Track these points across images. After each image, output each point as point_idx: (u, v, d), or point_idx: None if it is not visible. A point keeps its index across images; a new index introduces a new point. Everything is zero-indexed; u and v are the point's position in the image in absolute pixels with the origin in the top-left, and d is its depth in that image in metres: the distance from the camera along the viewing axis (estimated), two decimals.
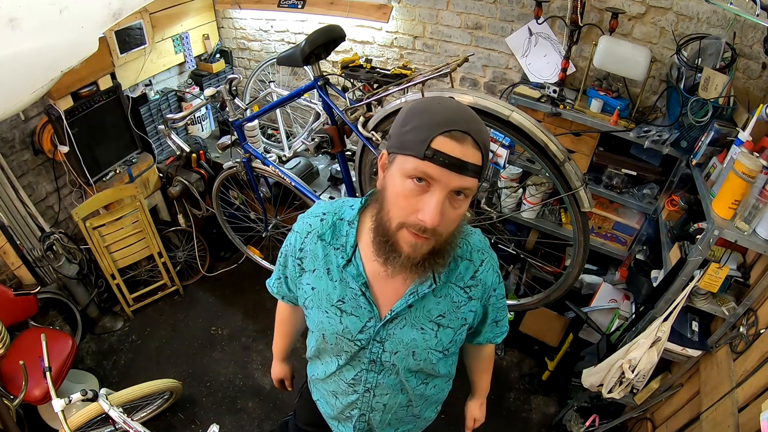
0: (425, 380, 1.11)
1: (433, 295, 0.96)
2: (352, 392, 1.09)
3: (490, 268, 1.01)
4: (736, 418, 1.40)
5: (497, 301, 1.07)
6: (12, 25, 1.35)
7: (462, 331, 1.02)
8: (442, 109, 0.77)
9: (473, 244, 1.00)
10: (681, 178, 2.03)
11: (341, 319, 0.98)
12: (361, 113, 1.67)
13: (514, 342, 2.78)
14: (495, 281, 1.03)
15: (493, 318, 1.10)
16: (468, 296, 0.99)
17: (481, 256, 1.00)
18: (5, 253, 2.25)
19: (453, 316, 0.99)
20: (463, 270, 0.98)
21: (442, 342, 1.00)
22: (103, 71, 2.39)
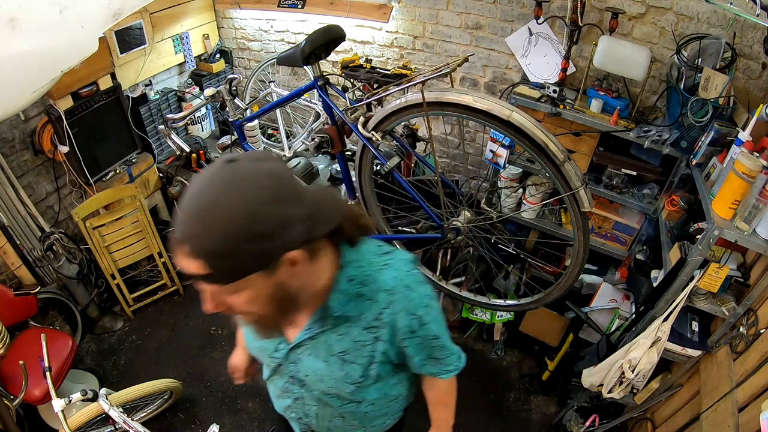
0: (350, 403, 1.07)
1: (333, 332, 0.92)
2: (286, 398, 1.12)
3: (401, 310, 0.89)
4: (736, 418, 1.39)
5: (424, 342, 0.97)
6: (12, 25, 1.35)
7: (374, 367, 0.97)
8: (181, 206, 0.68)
9: (382, 282, 0.89)
10: (681, 178, 2.03)
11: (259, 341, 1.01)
12: (361, 113, 1.67)
13: (514, 342, 2.78)
14: (411, 324, 0.91)
15: (425, 356, 1.02)
16: (374, 337, 0.92)
17: (390, 297, 0.88)
18: (5, 253, 2.25)
19: (357, 353, 0.94)
20: (365, 310, 0.90)
21: (350, 375, 0.97)
22: (103, 71, 2.39)
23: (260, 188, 0.65)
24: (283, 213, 0.67)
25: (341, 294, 0.88)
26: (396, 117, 1.57)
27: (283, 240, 0.68)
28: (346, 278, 0.88)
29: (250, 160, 0.69)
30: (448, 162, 2.93)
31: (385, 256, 0.94)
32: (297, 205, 0.69)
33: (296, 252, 0.71)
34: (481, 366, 2.75)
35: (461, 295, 2.03)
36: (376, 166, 1.82)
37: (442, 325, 1.01)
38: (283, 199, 0.67)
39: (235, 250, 0.65)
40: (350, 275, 0.89)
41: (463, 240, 1.72)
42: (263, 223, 0.65)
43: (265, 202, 0.65)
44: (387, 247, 0.98)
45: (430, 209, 1.67)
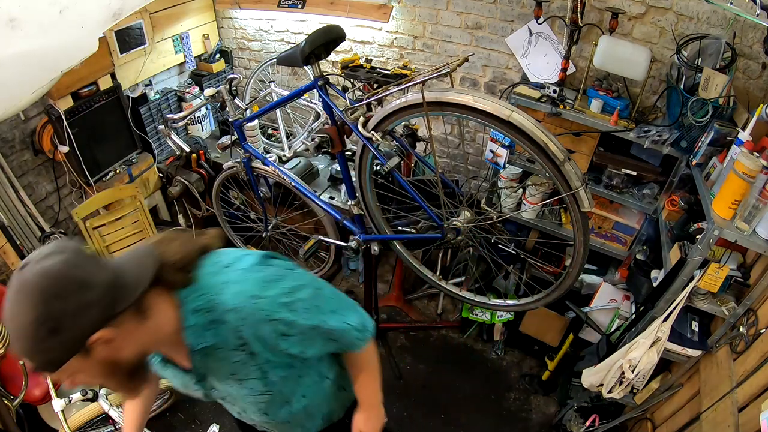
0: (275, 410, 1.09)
1: (212, 361, 0.93)
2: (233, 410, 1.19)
3: (256, 322, 0.87)
4: (736, 418, 1.40)
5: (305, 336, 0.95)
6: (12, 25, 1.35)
7: (272, 375, 0.98)
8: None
9: (226, 303, 0.87)
10: (681, 178, 2.03)
11: (174, 378, 1.05)
12: (361, 113, 1.67)
13: (514, 342, 2.79)
14: (276, 329, 0.89)
15: (321, 344, 1.01)
16: (248, 353, 0.91)
17: (239, 314, 0.87)
18: (5, 253, 2.25)
19: (245, 371, 0.95)
20: (225, 334, 0.88)
21: (255, 389, 0.99)
22: (103, 71, 2.39)
23: (40, 291, 0.71)
24: (68, 306, 0.71)
25: (192, 329, 0.87)
26: (396, 117, 1.57)
27: (78, 329, 0.73)
28: (191, 312, 0.87)
29: (36, 262, 0.73)
30: (448, 162, 2.93)
31: (224, 272, 0.91)
32: (84, 292, 0.73)
33: (103, 332, 0.74)
34: (481, 366, 2.75)
35: (461, 295, 2.03)
36: (376, 166, 1.82)
37: (318, 312, 0.97)
38: (65, 294, 0.71)
39: (40, 349, 0.72)
40: (194, 307, 0.87)
41: (463, 240, 1.71)
42: (50, 321, 0.70)
43: (47, 303, 0.70)
44: (226, 258, 0.94)
45: (430, 209, 1.67)
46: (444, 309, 3.07)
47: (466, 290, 2.08)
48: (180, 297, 0.87)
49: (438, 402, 2.54)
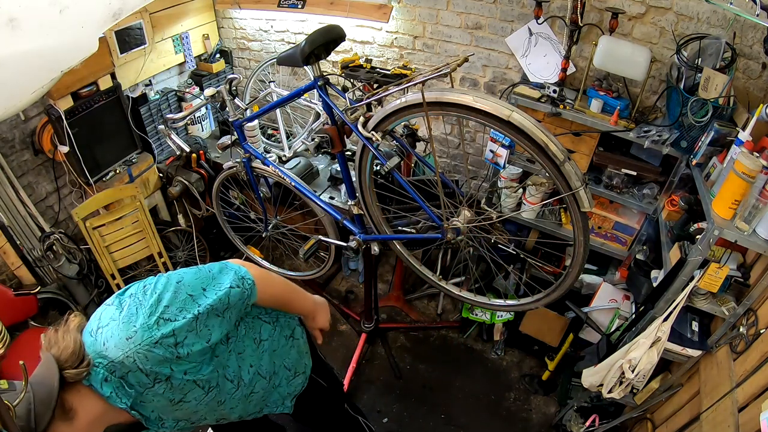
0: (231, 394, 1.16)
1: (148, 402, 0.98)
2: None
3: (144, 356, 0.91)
4: (736, 418, 1.39)
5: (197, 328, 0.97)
6: (12, 25, 1.35)
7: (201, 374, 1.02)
8: None
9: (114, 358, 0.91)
10: (681, 178, 2.03)
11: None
12: (361, 113, 1.66)
13: (514, 342, 2.79)
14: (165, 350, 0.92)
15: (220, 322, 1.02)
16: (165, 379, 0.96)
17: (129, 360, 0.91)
18: (5, 253, 2.25)
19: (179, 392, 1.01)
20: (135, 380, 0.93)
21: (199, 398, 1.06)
22: (103, 71, 2.39)
23: None
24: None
25: (113, 396, 0.91)
26: (396, 117, 1.56)
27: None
28: (101, 383, 0.90)
29: None
30: (448, 162, 2.93)
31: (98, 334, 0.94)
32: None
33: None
34: (481, 366, 2.75)
35: (461, 295, 2.03)
36: (376, 166, 1.82)
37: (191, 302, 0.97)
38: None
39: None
40: (101, 378, 0.90)
41: (462, 240, 1.71)
42: None
43: None
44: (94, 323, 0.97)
45: (430, 209, 1.67)
46: (444, 309, 3.07)
47: (466, 290, 2.07)
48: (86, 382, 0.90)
49: (438, 402, 2.54)
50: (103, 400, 0.91)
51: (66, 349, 0.89)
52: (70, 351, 0.89)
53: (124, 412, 0.95)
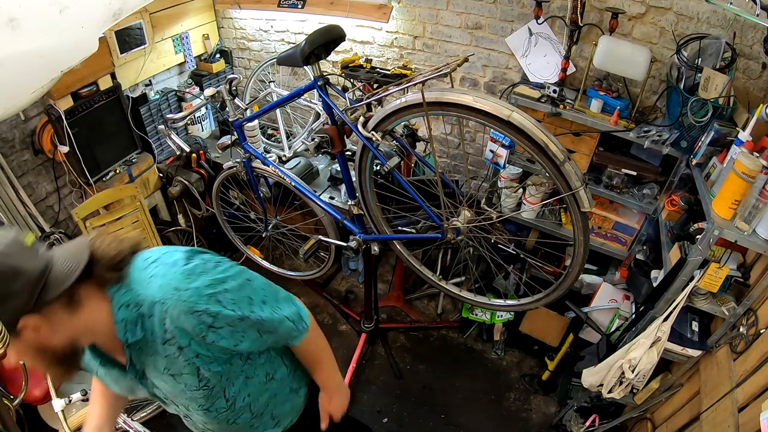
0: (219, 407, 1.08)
1: (146, 355, 0.95)
2: (177, 412, 1.18)
3: (180, 314, 0.88)
4: (736, 418, 1.39)
5: (235, 328, 0.94)
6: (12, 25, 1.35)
7: (204, 371, 0.97)
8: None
9: (151, 296, 0.89)
10: (681, 178, 2.03)
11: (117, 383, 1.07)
12: (361, 113, 1.66)
13: (514, 342, 2.79)
14: (201, 321, 0.89)
15: (254, 335, 0.99)
16: (176, 347, 0.92)
17: (163, 307, 0.88)
18: None
19: (177, 366, 0.95)
20: (153, 327, 0.90)
21: (190, 385, 0.99)
22: (103, 71, 2.39)
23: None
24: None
25: (122, 324, 0.90)
26: (396, 117, 1.56)
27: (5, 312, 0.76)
28: (120, 306, 0.89)
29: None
30: (448, 162, 2.93)
31: (151, 266, 0.93)
32: (11, 282, 0.77)
33: (30, 319, 0.79)
34: (481, 366, 2.75)
35: (461, 295, 2.03)
36: (376, 166, 1.82)
37: (251, 300, 0.97)
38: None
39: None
40: (124, 302, 0.90)
41: (462, 240, 1.71)
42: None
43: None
44: (154, 255, 0.96)
45: (430, 209, 1.67)
46: (444, 309, 3.07)
47: (466, 290, 2.07)
48: (110, 293, 0.89)
49: (438, 402, 2.54)
50: (110, 318, 0.89)
51: (107, 252, 0.89)
52: (109, 256, 0.89)
53: (119, 343, 0.92)
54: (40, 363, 0.86)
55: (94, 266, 0.87)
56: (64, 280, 0.82)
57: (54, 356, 0.85)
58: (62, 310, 0.84)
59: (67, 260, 0.85)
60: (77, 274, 0.84)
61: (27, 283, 0.78)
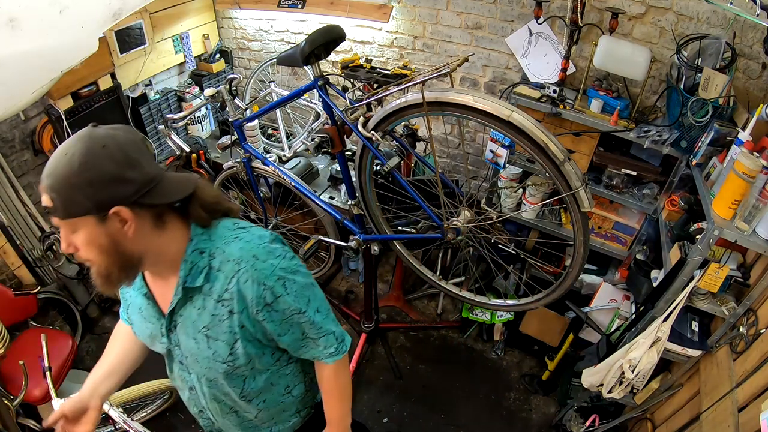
0: (231, 393, 1.08)
1: (193, 306, 0.97)
2: (183, 388, 1.16)
3: (248, 279, 0.92)
4: (736, 418, 1.39)
5: (287, 318, 0.97)
6: (12, 25, 1.35)
7: (239, 345, 0.98)
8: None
9: (229, 253, 0.93)
10: (681, 178, 2.03)
11: (146, 325, 1.07)
12: (361, 113, 1.67)
13: (514, 342, 2.79)
14: (263, 295, 0.93)
15: (298, 335, 1.02)
16: (227, 310, 0.94)
17: (236, 267, 0.92)
18: (5, 253, 2.25)
19: (218, 329, 0.96)
20: (216, 282, 0.94)
21: (219, 354, 0.99)
22: (103, 71, 2.40)
23: (101, 147, 0.80)
24: (114, 171, 0.80)
25: (189, 264, 0.93)
26: (396, 117, 1.57)
27: (110, 192, 0.81)
28: (195, 249, 0.94)
29: (108, 128, 0.85)
30: (448, 162, 2.93)
31: (239, 230, 0.98)
32: (130, 169, 0.82)
33: (124, 209, 0.82)
34: (481, 366, 2.75)
35: (461, 295, 2.03)
36: (376, 166, 1.82)
37: (311, 301, 1.01)
38: (117, 160, 0.80)
39: (68, 190, 0.79)
40: (199, 248, 0.94)
41: (462, 240, 1.71)
42: (93, 172, 0.79)
43: (100, 157, 0.80)
44: (245, 224, 1.01)
45: (430, 209, 1.67)
46: (444, 309, 3.07)
47: (466, 290, 2.08)
48: (192, 233, 0.94)
49: (438, 402, 2.54)
50: (182, 255, 0.93)
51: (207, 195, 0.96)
52: (208, 199, 0.95)
53: (172, 283, 0.95)
54: (102, 258, 0.86)
55: (192, 201, 0.93)
56: (168, 195, 0.88)
57: (118, 258, 0.87)
58: (150, 222, 0.88)
59: (175, 183, 0.90)
60: (181, 196, 0.90)
61: (140, 177, 0.83)
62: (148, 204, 0.85)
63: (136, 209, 0.84)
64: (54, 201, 0.80)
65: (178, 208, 0.93)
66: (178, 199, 0.90)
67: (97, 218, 0.82)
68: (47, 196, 0.81)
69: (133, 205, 0.83)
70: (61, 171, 0.79)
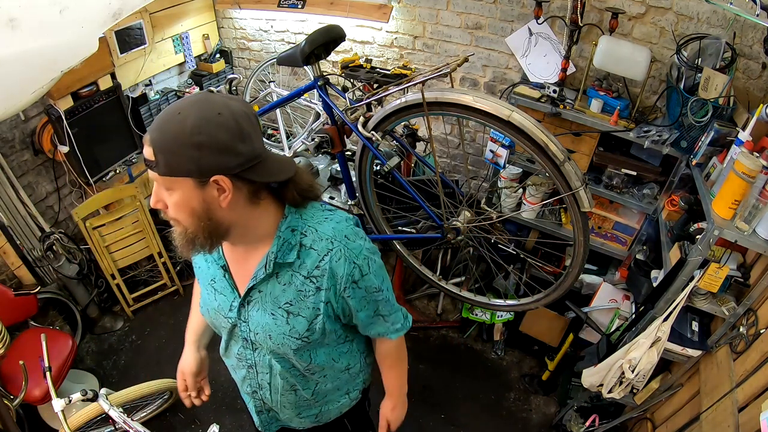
0: (300, 373, 1.13)
1: (277, 282, 0.99)
2: (241, 367, 1.19)
3: (340, 257, 0.96)
4: (736, 418, 1.39)
5: (368, 295, 1.03)
6: (12, 25, 1.35)
7: (319, 321, 1.02)
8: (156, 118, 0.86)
9: (322, 233, 0.97)
10: (681, 178, 2.03)
11: (215, 297, 1.09)
12: (361, 113, 1.67)
13: (514, 342, 2.79)
14: (352, 273, 0.98)
15: (371, 312, 1.08)
16: (315, 287, 0.98)
17: (329, 246, 0.97)
18: (5, 253, 2.25)
19: (302, 304, 1.00)
20: (307, 259, 0.97)
21: (296, 330, 1.02)
22: (103, 71, 2.40)
23: (216, 114, 0.80)
24: (225, 140, 0.80)
25: (282, 240, 0.96)
26: (396, 117, 1.57)
27: (216, 160, 0.80)
28: (288, 227, 0.96)
29: (224, 97, 0.85)
30: (448, 162, 2.93)
31: (327, 212, 1.03)
32: (240, 142, 0.82)
33: (226, 179, 0.82)
34: (481, 366, 2.75)
35: (461, 295, 2.03)
36: (376, 166, 1.82)
37: (385, 280, 1.07)
38: (229, 130, 0.80)
39: (175, 149, 0.79)
40: (292, 225, 0.97)
41: (462, 240, 1.72)
42: (204, 137, 0.79)
43: (214, 124, 0.79)
44: (330, 207, 1.06)
45: (430, 209, 1.67)
46: (444, 309, 3.07)
47: (466, 290, 2.08)
48: (286, 211, 0.97)
49: (438, 402, 2.54)
50: (273, 231, 0.96)
51: (304, 179, 0.97)
52: (304, 183, 0.97)
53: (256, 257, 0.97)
54: (191, 221, 0.87)
55: (289, 184, 0.94)
56: (270, 174, 0.89)
57: (207, 224, 0.87)
58: (245, 196, 0.88)
59: (277, 164, 0.91)
60: (282, 178, 0.91)
61: (248, 151, 0.83)
62: (249, 179, 0.86)
63: (237, 181, 0.84)
64: (157, 156, 0.80)
65: (273, 188, 0.95)
66: (278, 180, 0.92)
67: (197, 182, 0.82)
68: (151, 150, 0.81)
69: (235, 177, 0.83)
70: (171, 128, 0.79)
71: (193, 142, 0.78)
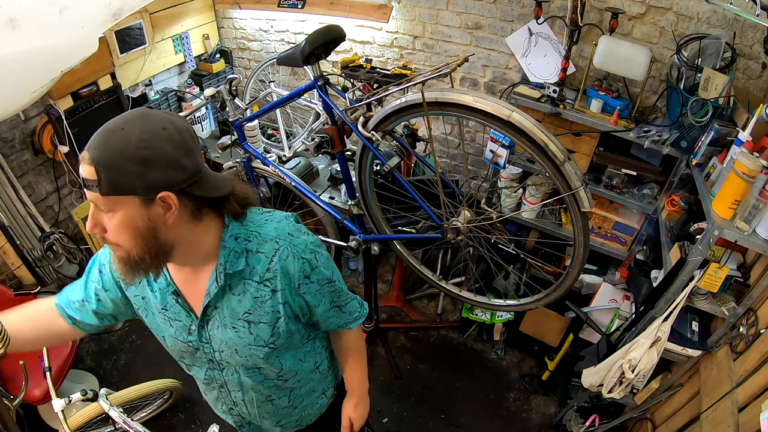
0: (270, 376, 1.12)
1: (232, 294, 0.98)
2: (212, 389, 1.18)
3: (288, 255, 0.96)
4: (736, 418, 1.39)
5: (321, 288, 1.03)
6: (12, 25, 1.35)
7: (281, 324, 1.01)
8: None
9: (265, 234, 0.97)
10: (681, 178, 2.03)
11: (171, 324, 1.05)
12: (361, 113, 1.67)
13: (514, 342, 2.79)
14: (303, 268, 0.98)
15: (328, 305, 1.08)
16: (270, 289, 0.97)
17: (275, 246, 0.96)
18: (5, 253, 2.25)
19: (261, 311, 0.99)
20: (257, 264, 0.96)
21: (261, 337, 1.01)
22: (103, 71, 2.40)
23: (161, 128, 0.79)
24: (172, 154, 0.79)
25: (228, 250, 0.95)
26: (396, 117, 1.57)
27: (163, 176, 0.79)
28: (231, 236, 0.95)
29: (163, 112, 0.86)
30: (448, 162, 2.93)
31: (266, 214, 1.03)
32: (185, 157, 0.81)
33: (172, 195, 0.81)
34: (481, 366, 2.75)
35: (461, 295, 2.03)
36: (376, 166, 1.82)
37: (335, 271, 1.08)
38: (175, 144, 0.79)
39: (120, 165, 0.76)
40: (234, 233, 0.96)
41: (462, 240, 1.72)
42: (151, 151, 0.77)
43: (159, 138, 0.78)
44: (267, 209, 1.06)
45: (430, 209, 1.67)
46: (444, 309, 3.07)
47: (466, 290, 2.08)
48: (226, 222, 0.96)
49: (438, 402, 2.54)
50: (217, 243, 0.95)
51: (241, 191, 0.97)
52: (241, 194, 0.97)
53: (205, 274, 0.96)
54: (135, 243, 0.83)
55: (229, 197, 0.94)
56: (212, 189, 0.89)
57: (152, 244, 0.84)
58: (189, 212, 0.87)
59: (216, 179, 0.92)
60: (224, 192, 0.91)
61: (193, 166, 0.83)
62: (193, 194, 0.85)
63: (182, 197, 0.83)
64: (99, 174, 0.76)
65: (213, 202, 0.93)
66: (221, 194, 0.91)
67: (142, 200, 0.79)
68: (91, 168, 0.76)
69: (180, 193, 0.82)
70: (114, 144, 0.76)
71: (139, 157, 0.76)
